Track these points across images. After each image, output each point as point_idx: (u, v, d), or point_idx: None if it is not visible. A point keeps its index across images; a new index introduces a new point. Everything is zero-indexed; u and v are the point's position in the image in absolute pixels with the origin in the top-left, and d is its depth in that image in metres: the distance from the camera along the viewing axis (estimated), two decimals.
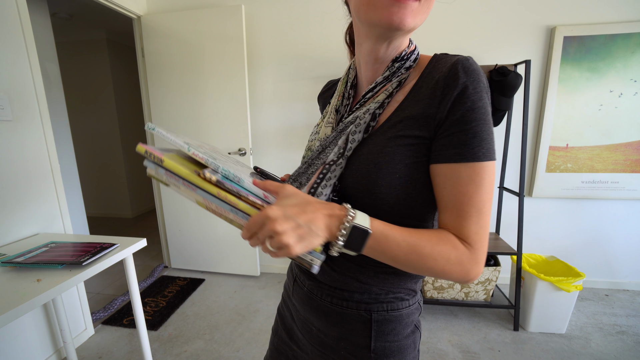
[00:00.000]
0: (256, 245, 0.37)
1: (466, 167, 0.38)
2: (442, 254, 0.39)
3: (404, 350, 0.49)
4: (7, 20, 1.35)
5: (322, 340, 0.52)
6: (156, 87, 2.29)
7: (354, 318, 0.49)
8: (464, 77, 0.38)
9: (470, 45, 2.00)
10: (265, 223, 0.34)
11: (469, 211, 0.39)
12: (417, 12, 0.39)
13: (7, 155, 1.35)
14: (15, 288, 0.92)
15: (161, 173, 0.39)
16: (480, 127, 0.38)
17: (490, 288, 1.84)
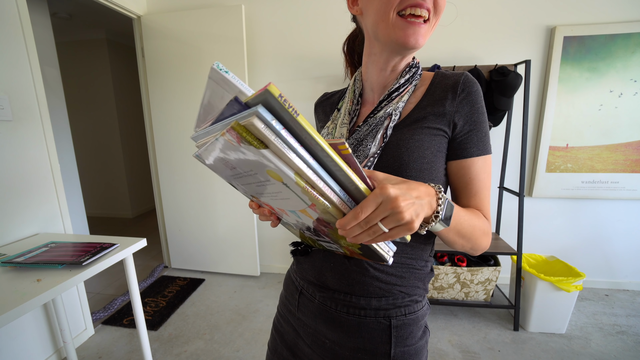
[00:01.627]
0: (358, 234, 0.34)
1: (481, 159, 0.48)
2: (482, 226, 0.46)
3: (420, 352, 0.50)
4: (7, 20, 1.35)
5: (336, 353, 0.51)
6: (156, 87, 2.29)
7: (372, 326, 0.49)
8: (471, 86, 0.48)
9: (470, 45, 2.00)
10: (385, 201, 0.33)
11: (484, 193, 0.49)
12: (427, 33, 0.47)
13: (7, 156, 1.35)
14: (15, 288, 0.92)
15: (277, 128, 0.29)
16: (485, 127, 0.48)
17: (490, 288, 1.84)
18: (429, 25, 0.46)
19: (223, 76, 0.30)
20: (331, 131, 0.58)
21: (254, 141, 0.29)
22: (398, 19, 0.44)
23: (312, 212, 0.37)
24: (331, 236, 0.42)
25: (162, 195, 2.47)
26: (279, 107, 0.29)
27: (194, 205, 2.41)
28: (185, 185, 2.39)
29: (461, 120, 0.47)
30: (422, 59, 2.03)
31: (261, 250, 2.49)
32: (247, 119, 0.28)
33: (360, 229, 0.34)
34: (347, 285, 0.50)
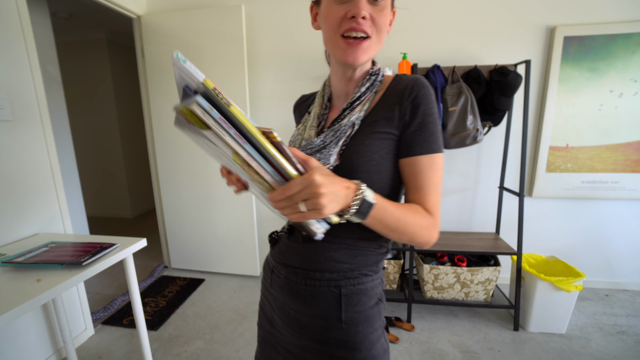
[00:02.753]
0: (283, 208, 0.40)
1: (426, 157, 0.52)
2: (418, 221, 0.51)
3: (370, 319, 0.58)
4: (7, 20, 1.35)
5: (299, 320, 0.59)
6: (156, 87, 2.29)
7: (325, 294, 0.57)
8: (419, 89, 0.52)
9: (470, 45, 2.00)
10: (309, 186, 0.39)
11: (429, 189, 0.53)
12: (368, 50, 0.52)
13: (7, 156, 1.35)
14: (15, 288, 0.92)
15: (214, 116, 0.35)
16: (433, 127, 0.52)
17: (490, 288, 1.84)
18: (370, 42, 0.51)
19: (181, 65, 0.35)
20: (301, 132, 0.63)
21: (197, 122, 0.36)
22: (340, 41, 0.51)
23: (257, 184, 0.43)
24: None
25: (162, 195, 2.47)
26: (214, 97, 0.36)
27: (194, 205, 2.41)
28: (185, 185, 2.39)
29: (409, 122, 0.53)
30: (422, 59, 2.03)
31: (261, 250, 2.49)
32: (190, 105, 0.35)
33: (285, 203, 0.40)
34: (305, 262, 0.58)
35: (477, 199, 2.19)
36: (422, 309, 2.00)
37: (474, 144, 1.78)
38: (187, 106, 0.35)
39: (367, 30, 0.50)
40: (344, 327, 0.56)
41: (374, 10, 0.50)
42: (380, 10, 0.50)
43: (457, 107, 1.74)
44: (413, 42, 2.04)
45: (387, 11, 0.52)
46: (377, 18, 0.50)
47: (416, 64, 1.69)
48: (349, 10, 0.49)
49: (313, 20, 0.59)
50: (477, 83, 1.80)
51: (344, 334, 0.56)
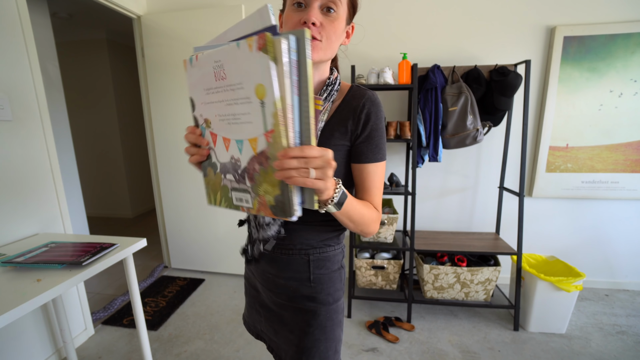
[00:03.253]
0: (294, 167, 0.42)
1: (372, 165, 0.63)
2: (372, 215, 0.63)
3: (333, 280, 0.72)
4: (7, 20, 1.35)
5: (276, 282, 0.72)
6: (156, 87, 2.29)
7: (297, 261, 0.70)
8: (369, 108, 0.61)
9: (470, 45, 2.00)
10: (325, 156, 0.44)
11: (375, 191, 0.65)
12: (320, 49, 0.58)
13: (7, 155, 1.35)
14: (15, 288, 0.92)
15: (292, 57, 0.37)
16: (379, 139, 0.63)
17: (490, 288, 1.84)
18: (319, 44, 0.57)
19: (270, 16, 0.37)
20: None
21: (271, 53, 0.36)
22: None
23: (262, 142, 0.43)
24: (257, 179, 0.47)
25: (162, 195, 2.47)
26: (302, 46, 0.37)
27: (194, 205, 2.41)
28: (185, 185, 2.39)
29: (359, 135, 0.62)
30: (422, 59, 2.03)
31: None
32: (278, 37, 0.36)
33: (297, 163, 0.42)
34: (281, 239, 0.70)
35: (477, 199, 2.19)
36: (422, 309, 2.00)
37: (474, 144, 1.78)
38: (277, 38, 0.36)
39: (316, 35, 0.56)
40: (312, 286, 0.70)
41: (325, 20, 0.57)
42: (332, 20, 0.57)
43: (457, 107, 1.74)
44: (413, 42, 2.04)
45: (339, 23, 0.58)
46: (327, 26, 0.57)
47: (416, 64, 1.69)
48: (301, 17, 0.56)
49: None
50: (477, 83, 1.80)
51: (312, 291, 0.70)
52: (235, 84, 0.41)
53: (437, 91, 1.79)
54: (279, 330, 0.74)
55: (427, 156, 1.88)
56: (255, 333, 0.84)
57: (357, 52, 2.10)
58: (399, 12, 2.03)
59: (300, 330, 0.70)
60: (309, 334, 0.70)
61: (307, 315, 0.70)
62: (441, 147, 1.85)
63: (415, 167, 1.77)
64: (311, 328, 0.70)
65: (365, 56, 2.10)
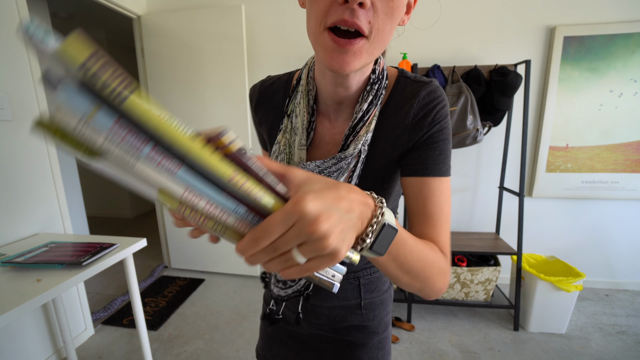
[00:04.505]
0: (267, 262, 0.25)
1: (435, 180, 0.42)
2: (439, 261, 0.38)
3: (385, 302, 0.60)
4: (7, 20, 1.35)
5: (317, 312, 0.59)
6: (156, 87, 2.29)
7: (345, 286, 0.57)
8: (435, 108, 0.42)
9: (470, 45, 2.00)
10: (299, 221, 0.22)
11: (442, 220, 0.42)
12: (361, 53, 0.36)
13: (7, 155, 1.35)
14: (15, 288, 0.92)
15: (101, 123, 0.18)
16: (446, 146, 0.43)
17: (490, 288, 1.84)
18: (365, 43, 0.35)
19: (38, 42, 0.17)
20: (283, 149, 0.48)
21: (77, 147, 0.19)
22: (325, 35, 0.35)
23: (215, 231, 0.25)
24: None
25: None
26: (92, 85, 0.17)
27: None
28: None
29: (417, 139, 0.43)
30: (421, 59, 2.03)
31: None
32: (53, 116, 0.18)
33: (267, 256, 0.24)
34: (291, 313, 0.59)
35: (477, 199, 2.19)
36: (422, 309, 2.00)
37: (474, 144, 1.78)
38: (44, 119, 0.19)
39: (362, 24, 0.33)
40: (363, 313, 0.58)
41: None
42: None
43: (457, 107, 1.74)
44: (413, 42, 2.04)
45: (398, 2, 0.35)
46: (380, 9, 0.34)
47: (416, 64, 1.69)
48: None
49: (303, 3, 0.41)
50: (477, 83, 1.80)
51: (362, 319, 0.58)
52: None
53: None
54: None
55: None
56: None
57: None
58: None
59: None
60: None
61: (356, 348, 0.58)
62: None
63: None
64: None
65: None
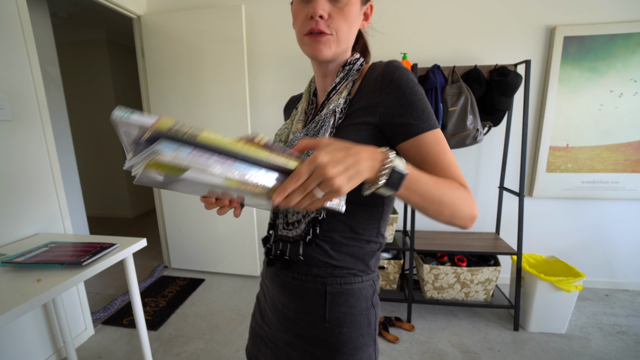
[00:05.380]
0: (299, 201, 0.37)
1: (428, 135, 0.48)
2: (458, 191, 0.46)
3: (357, 324, 0.55)
4: (7, 20, 1.35)
5: (286, 315, 0.59)
6: (156, 87, 2.29)
7: (311, 291, 0.55)
8: (392, 73, 0.50)
9: (470, 45, 2.00)
10: (316, 168, 0.35)
11: (451, 164, 0.49)
12: (329, 43, 0.52)
13: (7, 155, 1.35)
14: (15, 288, 0.92)
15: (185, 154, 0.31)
16: (425, 104, 0.49)
17: (490, 288, 1.84)
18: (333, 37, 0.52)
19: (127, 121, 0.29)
20: (288, 126, 0.64)
21: (172, 170, 0.31)
22: (305, 38, 0.53)
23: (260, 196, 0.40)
24: None
25: (162, 195, 2.47)
26: (176, 136, 0.31)
27: (193, 205, 2.41)
28: None
29: (390, 107, 0.49)
30: (422, 59, 2.03)
31: (261, 250, 2.49)
32: (153, 158, 0.30)
33: (299, 195, 0.36)
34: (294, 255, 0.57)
35: (477, 199, 2.19)
36: (422, 309, 2.00)
37: (474, 144, 1.78)
38: (151, 159, 0.30)
39: (324, 29, 0.51)
40: (327, 327, 0.55)
41: (333, 9, 0.51)
42: (341, 8, 0.51)
43: (457, 107, 1.74)
44: (413, 42, 2.04)
45: (350, 8, 0.51)
46: (336, 16, 0.51)
47: (416, 64, 1.69)
48: (308, 11, 0.51)
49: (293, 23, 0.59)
50: (477, 83, 1.80)
51: (327, 333, 0.55)
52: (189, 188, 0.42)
53: (437, 91, 1.79)
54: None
55: None
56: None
57: None
58: (398, 12, 2.03)
59: None
60: None
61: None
62: None
63: None
64: None
65: None
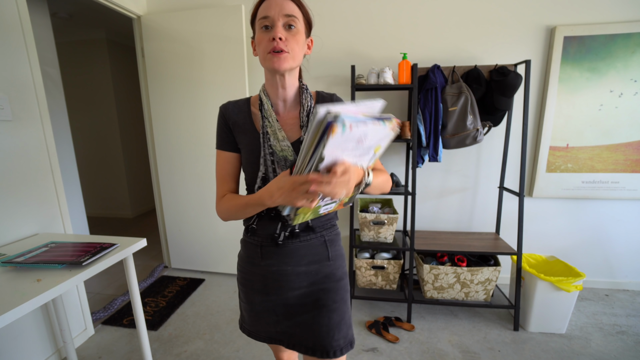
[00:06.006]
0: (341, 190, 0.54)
1: None
2: (385, 176, 0.73)
3: (343, 255, 0.86)
4: (7, 20, 1.35)
5: (297, 272, 0.78)
6: (156, 87, 2.29)
7: (316, 243, 0.80)
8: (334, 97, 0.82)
9: (470, 45, 2.00)
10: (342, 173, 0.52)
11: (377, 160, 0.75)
12: (287, 59, 0.69)
13: (7, 155, 1.35)
14: (15, 288, 0.92)
15: None
16: None
17: (490, 288, 1.84)
18: (287, 55, 0.69)
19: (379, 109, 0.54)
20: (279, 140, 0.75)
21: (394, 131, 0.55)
22: (268, 56, 0.69)
23: None
24: None
25: (162, 195, 2.47)
26: None
27: (194, 205, 2.41)
28: (185, 185, 2.39)
29: None
30: (422, 59, 2.03)
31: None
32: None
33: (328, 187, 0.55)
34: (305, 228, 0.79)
35: (477, 199, 2.19)
36: (422, 309, 2.00)
37: (474, 144, 1.78)
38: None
39: (283, 47, 0.68)
40: (330, 263, 0.81)
41: (288, 35, 0.69)
42: (293, 35, 0.69)
43: (457, 107, 1.74)
44: (413, 42, 2.04)
45: (300, 36, 0.70)
46: (290, 39, 0.69)
47: (416, 64, 1.69)
48: (270, 36, 0.68)
49: (253, 50, 0.76)
50: (477, 83, 1.80)
51: (331, 268, 0.81)
52: (370, 145, 0.56)
53: (437, 91, 1.79)
54: (303, 321, 0.79)
55: (427, 156, 1.88)
56: (267, 338, 0.84)
57: (356, 52, 2.10)
58: (398, 12, 2.03)
59: (327, 309, 0.78)
60: (335, 310, 0.78)
61: (331, 293, 0.79)
62: (441, 147, 1.84)
63: (415, 167, 1.77)
64: (336, 304, 0.79)
65: (365, 56, 2.10)
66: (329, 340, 0.77)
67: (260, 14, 0.69)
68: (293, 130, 0.76)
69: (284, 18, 0.68)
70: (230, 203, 0.75)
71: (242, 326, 0.89)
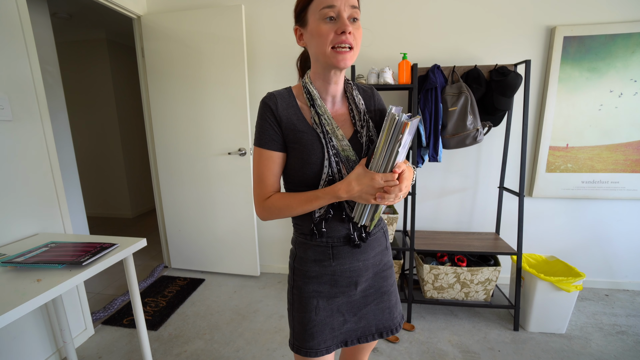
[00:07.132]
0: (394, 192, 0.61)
1: None
2: None
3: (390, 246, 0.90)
4: (7, 20, 1.35)
5: (366, 265, 0.79)
6: (156, 87, 2.29)
7: (380, 236, 0.83)
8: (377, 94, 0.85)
9: (470, 45, 2.00)
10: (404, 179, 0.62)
11: None
12: (352, 57, 0.66)
13: (7, 155, 1.35)
14: (15, 288, 0.92)
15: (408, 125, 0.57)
16: None
17: (490, 288, 1.84)
18: (353, 52, 0.65)
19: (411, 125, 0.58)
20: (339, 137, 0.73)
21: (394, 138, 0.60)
22: (332, 52, 0.64)
23: None
24: None
25: (162, 195, 2.47)
26: None
27: (193, 205, 2.41)
28: (185, 185, 2.39)
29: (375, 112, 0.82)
30: (422, 59, 2.03)
31: (261, 250, 2.49)
32: None
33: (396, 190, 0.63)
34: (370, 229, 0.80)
35: (477, 199, 2.19)
36: (422, 309, 2.00)
37: (474, 144, 1.78)
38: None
39: (352, 42, 0.64)
40: (388, 252, 0.85)
41: (353, 28, 0.64)
42: (357, 28, 0.65)
43: (457, 107, 1.74)
44: (413, 42, 2.04)
45: (360, 29, 0.66)
46: (355, 33, 0.65)
47: (416, 64, 1.69)
48: (338, 28, 0.62)
49: (298, 40, 0.72)
50: (477, 83, 1.80)
51: (388, 257, 0.85)
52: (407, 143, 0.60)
53: (437, 91, 1.79)
54: (368, 311, 0.82)
55: (427, 156, 1.88)
56: (336, 345, 0.81)
57: None
58: (399, 12, 2.03)
59: (387, 294, 0.83)
60: (392, 292, 0.85)
61: (389, 279, 0.84)
62: (441, 147, 1.85)
63: (415, 167, 1.77)
64: (392, 287, 0.85)
65: (365, 56, 2.10)
66: (391, 320, 0.84)
67: (323, 2, 0.62)
68: (344, 127, 0.74)
69: (349, 9, 0.63)
70: (286, 200, 0.70)
71: (295, 345, 0.80)
